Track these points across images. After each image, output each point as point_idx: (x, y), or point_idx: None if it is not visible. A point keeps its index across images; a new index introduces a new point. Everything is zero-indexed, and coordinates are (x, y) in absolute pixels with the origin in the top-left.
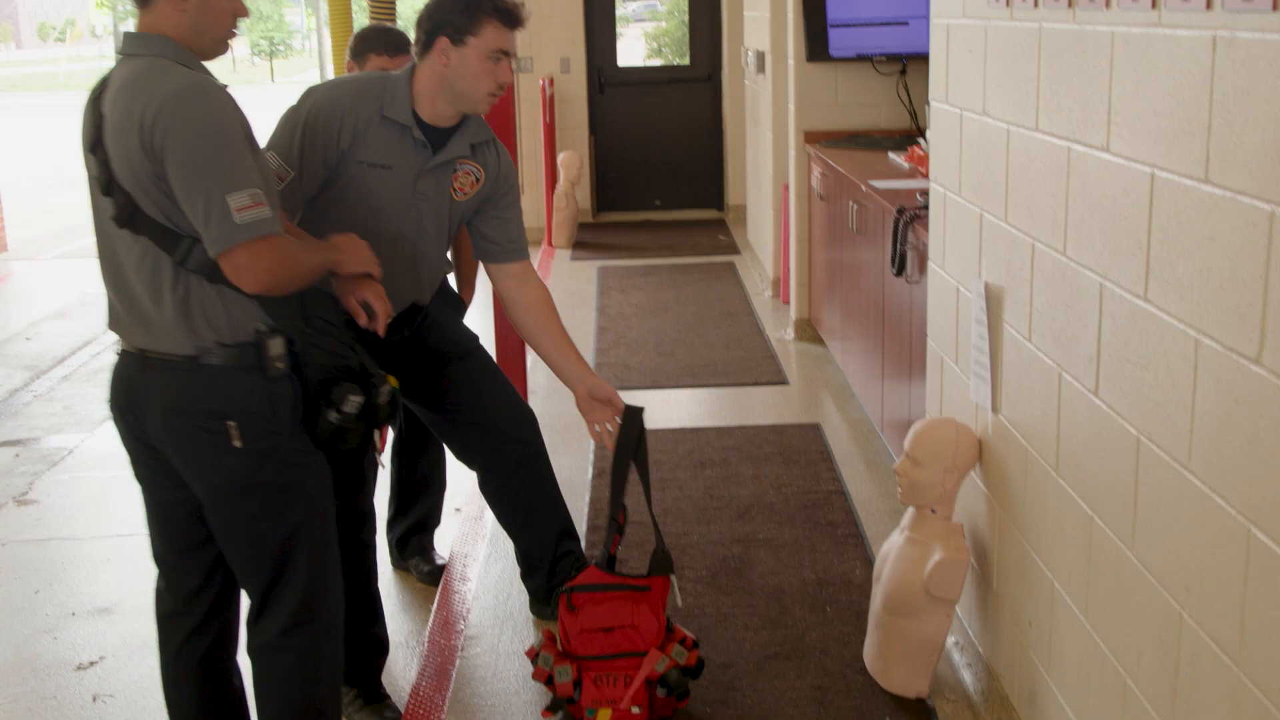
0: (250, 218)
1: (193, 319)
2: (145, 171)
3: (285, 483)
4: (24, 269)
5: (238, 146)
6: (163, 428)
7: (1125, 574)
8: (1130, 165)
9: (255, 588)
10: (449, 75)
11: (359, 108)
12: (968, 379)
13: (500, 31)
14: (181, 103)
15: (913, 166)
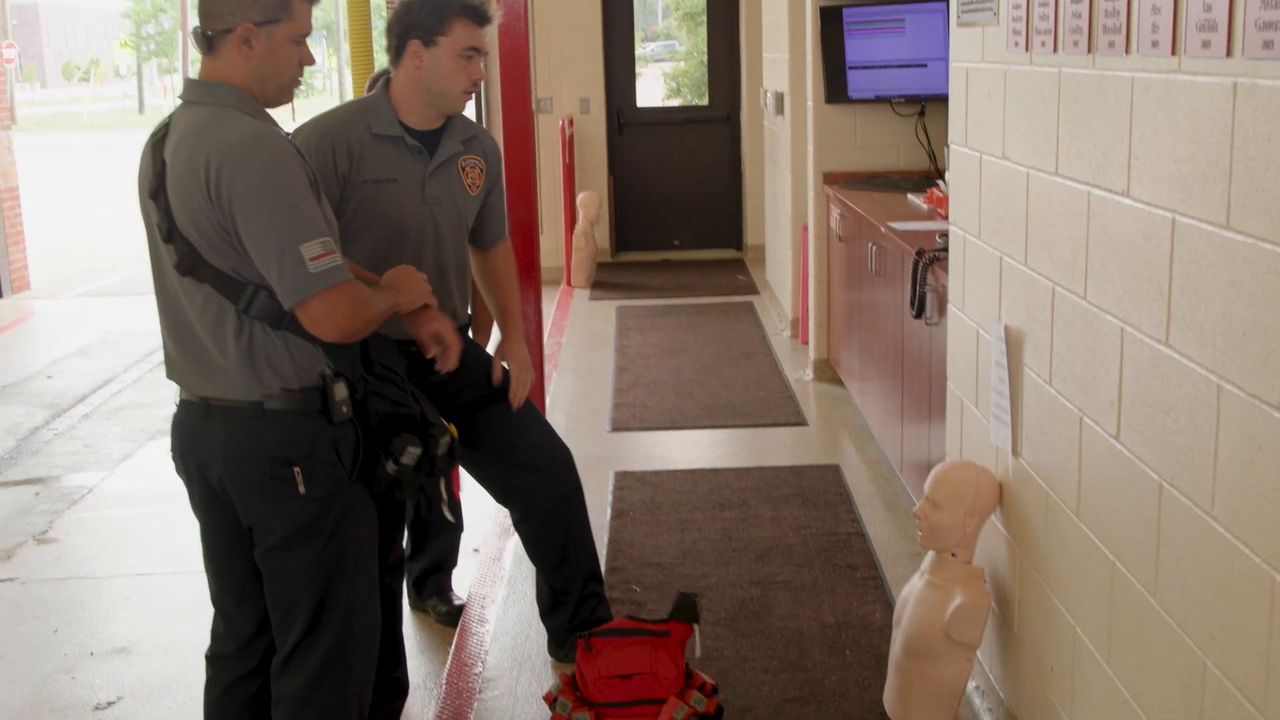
0: (323, 265)
1: (257, 365)
2: (209, 221)
3: (342, 532)
4: (46, 307)
5: (305, 196)
6: (227, 475)
7: (1148, 620)
8: (1151, 210)
9: (288, 636)
10: (423, 77)
11: (348, 131)
12: (988, 422)
13: (470, 29)
14: (246, 154)
15: (932, 208)
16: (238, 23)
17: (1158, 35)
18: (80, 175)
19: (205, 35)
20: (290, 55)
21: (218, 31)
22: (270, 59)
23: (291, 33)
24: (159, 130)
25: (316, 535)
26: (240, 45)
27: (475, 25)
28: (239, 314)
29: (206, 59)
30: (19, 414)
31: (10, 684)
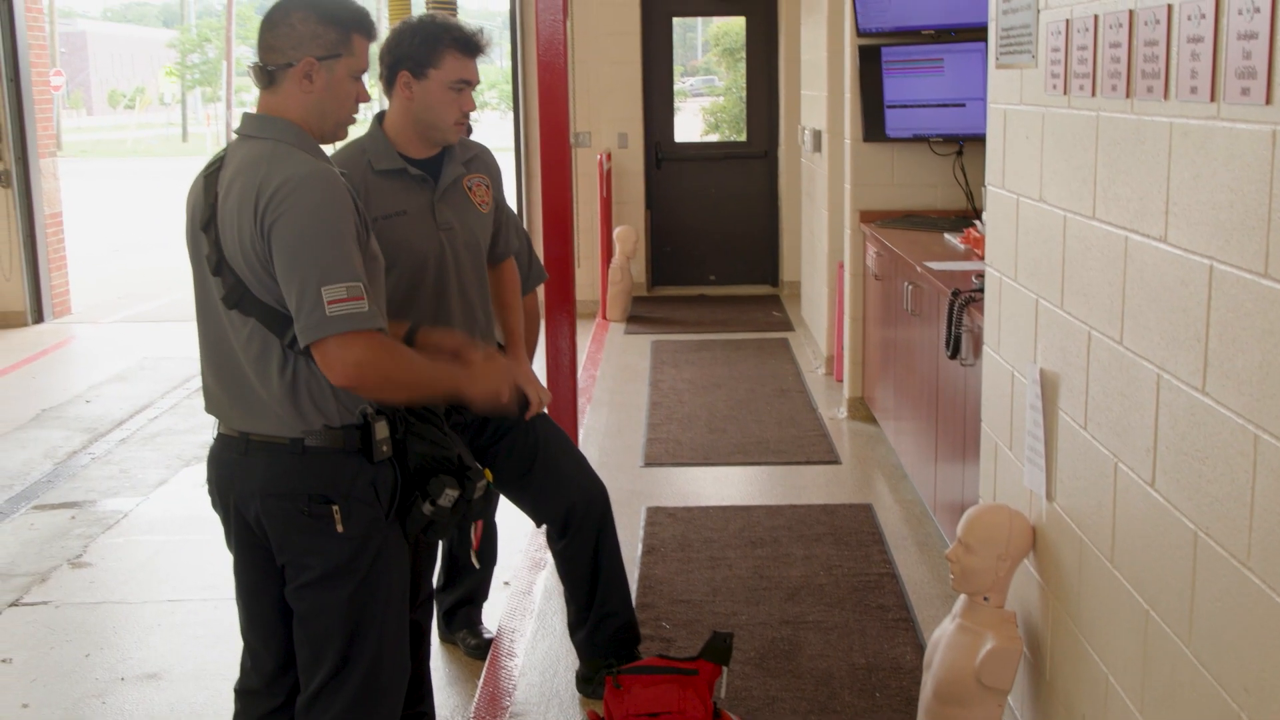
0: (343, 310)
1: (300, 401)
2: (257, 255)
3: (376, 572)
4: (86, 332)
5: (342, 238)
6: (264, 511)
7: (1182, 670)
8: (1188, 257)
9: (315, 674)
10: (414, 109)
11: (350, 173)
12: (1022, 465)
13: (460, 61)
14: (297, 191)
15: (968, 248)
16: (300, 57)
17: (1196, 81)
18: (123, 202)
19: (265, 70)
20: (349, 90)
21: (279, 66)
22: (330, 94)
23: (351, 68)
24: (213, 162)
25: (351, 575)
26: (301, 80)
27: (466, 57)
28: (284, 349)
29: (265, 94)
30: (57, 438)
31: (42, 708)
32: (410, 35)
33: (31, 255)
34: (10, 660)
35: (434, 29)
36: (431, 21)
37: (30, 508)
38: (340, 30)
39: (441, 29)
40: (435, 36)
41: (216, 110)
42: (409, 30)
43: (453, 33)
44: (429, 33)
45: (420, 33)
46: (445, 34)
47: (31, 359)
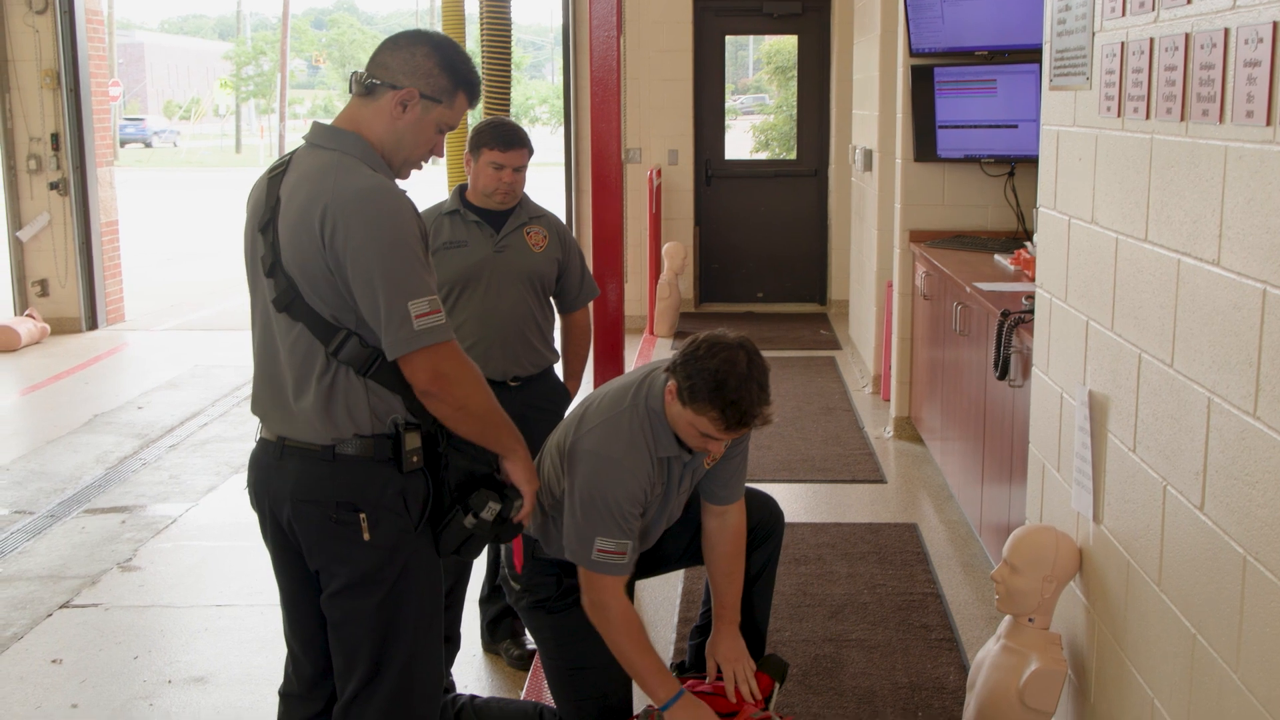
0: (428, 324)
1: (334, 408)
2: (317, 264)
3: (405, 582)
4: (139, 339)
5: (415, 253)
6: (295, 516)
7: (1229, 696)
8: (1241, 281)
9: (349, 681)
10: (670, 412)
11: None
12: (1069, 487)
13: (714, 425)
14: (365, 204)
15: (1019, 269)
16: (406, 84)
17: (1253, 105)
18: (177, 211)
19: (368, 82)
20: (430, 137)
21: (383, 83)
22: (414, 131)
23: (443, 119)
24: (278, 166)
25: (379, 584)
26: (396, 105)
27: (721, 426)
28: (327, 356)
29: (354, 104)
30: (109, 443)
31: (90, 709)
32: (697, 369)
33: (87, 263)
34: (60, 661)
35: (713, 385)
36: (719, 374)
37: (81, 511)
38: (452, 81)
39: (719, 392)
40: (709, 395)
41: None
42: (700, 362)
43: (725, 400)
44: (707, 386)
45: (704, 377)
46: (718, 399)
47: (85, 365)
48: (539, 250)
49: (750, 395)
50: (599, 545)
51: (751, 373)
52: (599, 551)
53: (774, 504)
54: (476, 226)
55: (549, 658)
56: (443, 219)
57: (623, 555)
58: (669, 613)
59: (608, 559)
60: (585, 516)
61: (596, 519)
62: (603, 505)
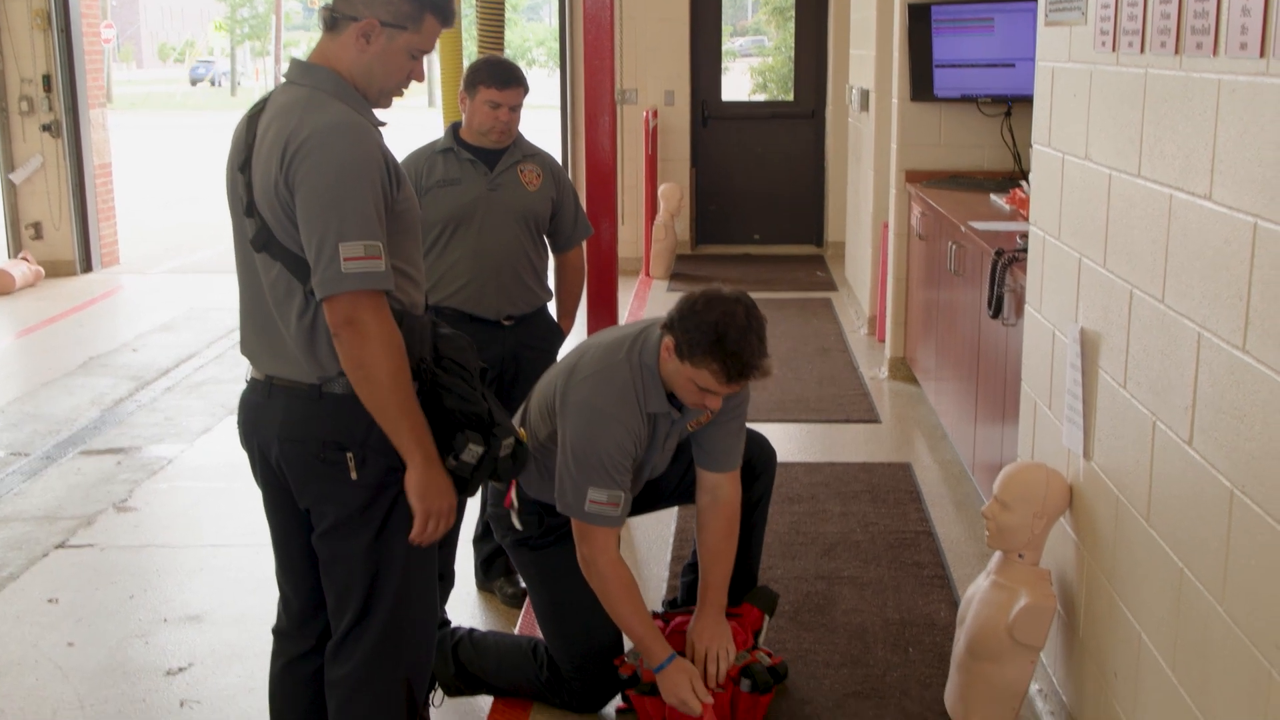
0: (358, 268)
1: (318, 347)
2: (280, 200)
3: (393, 521)
4: (134, 283)
5: (365, 194)
6: (283, 456)
7: (1214, 628)
8: (1233, 215)
9: (341, 619)
10: (666, 369)
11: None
12: (1060, 424)
13: (716, 380)
14: (325, 137)
15: (1014, 209)
16: (365, 14)
17: (1247, 37)
18: (171, 155)
19: (332, 15)
20: (402, 64)
21: (344, 16)
22: (382, 61)
23: (412, 44)
24: (257, 105)
25: (368, 523)
26: (359, 37)
27: (722, 380)
28: (306, 294)
29: (323, 39)
30: (104, 385)
31: (86, 646)
32: (695, 324)
33: (80, 205)
34: (56, 600)
35: (713, 339)
36: (719, 327)
37: (77, 453)
38: (416, 6)
39: (719, 347)
40: (708, 349)
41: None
42: (697, 317)
43: (725, 353)
44: (706, 341)
45: (702, 332)
46: (718, 353)
47: (80, 308)
48: (533, 189)
49: (750, 347)
50: (592, 496)
51: (750, 325)
52: (592, 503)
53: (766, 442)
54: (470, 165)
55: (535, 594)
56: (436, 157)
57: (615, 507)
58: (662, 550)
59: (601, 510)
60: (578, 468)
61: (589, 470)
62: (594, 456)
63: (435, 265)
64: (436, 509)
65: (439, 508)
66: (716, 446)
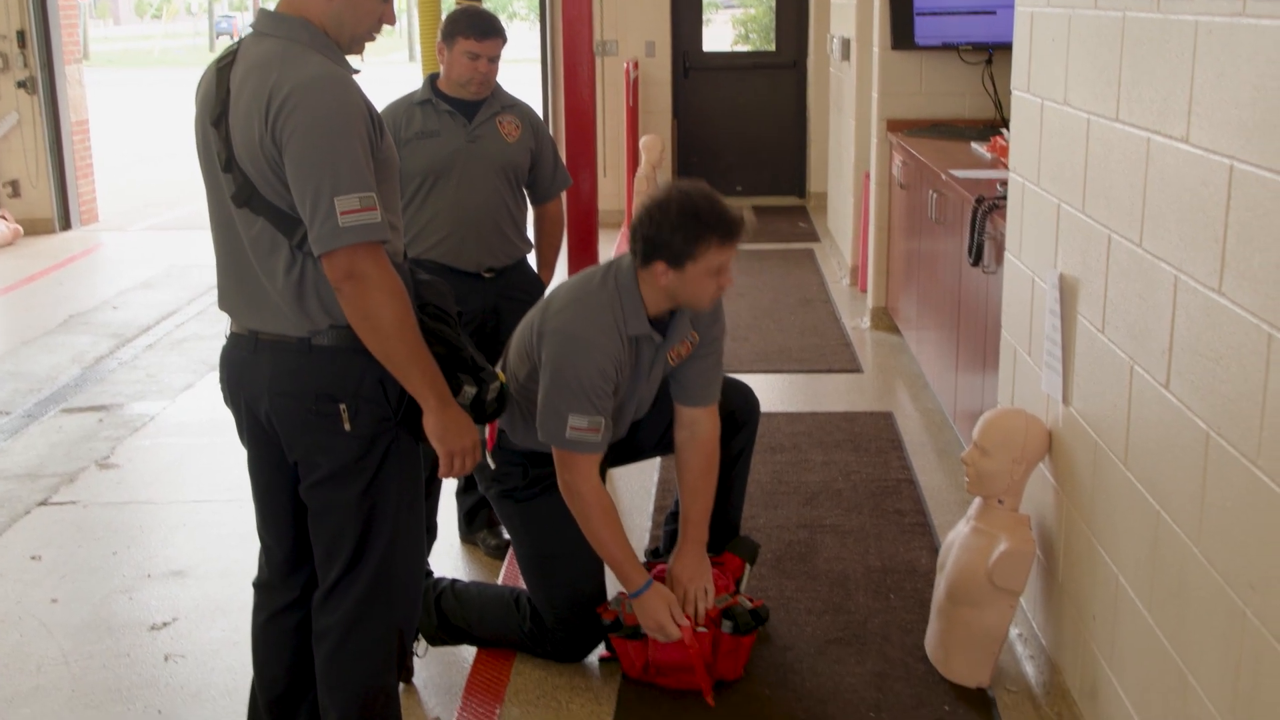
0: (354, 221)
1: (306, 301)
2: (266, 156)
3: (386, 470)
4: (113, 240)
5: (355, 147)
6: (273, 410)
7: (1190, 570)
8: (1209, 157)
9: (330, 570)
10: (671, 289)
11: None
12: (1040, 370)
13: (721, 251)
14: (309, 93)
15: (995, 157)
16: None
17: None
18: (150, 111)
19: None
20: (372, 9)
21: None
22: (351, 7)
23: None
24: (225, 56)
25: (360, 473)
26: None
27: (726, 246)
28: (292, 249)
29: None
30: (85, 343)
31: (70, 602)
32: (670, 229)
33: (58, 162)
34: (40, 557)
35: (694, 223)
36: (686, 211)
37: (59, 411)
38: None
39: (702, 223)
40: (697, 234)
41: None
42: (667, 222)
43: (712, 223)
44: (690, 229)
45: (681, 227)
46: (706, 229)
47: (59, 266)
48: (512, 140)
49: (721, 204)
50: (572, 422)
51: (703, 190)
52: (572, 429)
53: (750, 392)
54: (449, 116)
55: (519, 545)
56: (414, 109)
57: (596, 433)
58: (644, 500)
59: (581, 436)
60: (558, 393)
61: (569, 395)
62: (574, 381)
63: (414, 218)
64: (460, 448)
65: (461, 446)
66: (694, 381)
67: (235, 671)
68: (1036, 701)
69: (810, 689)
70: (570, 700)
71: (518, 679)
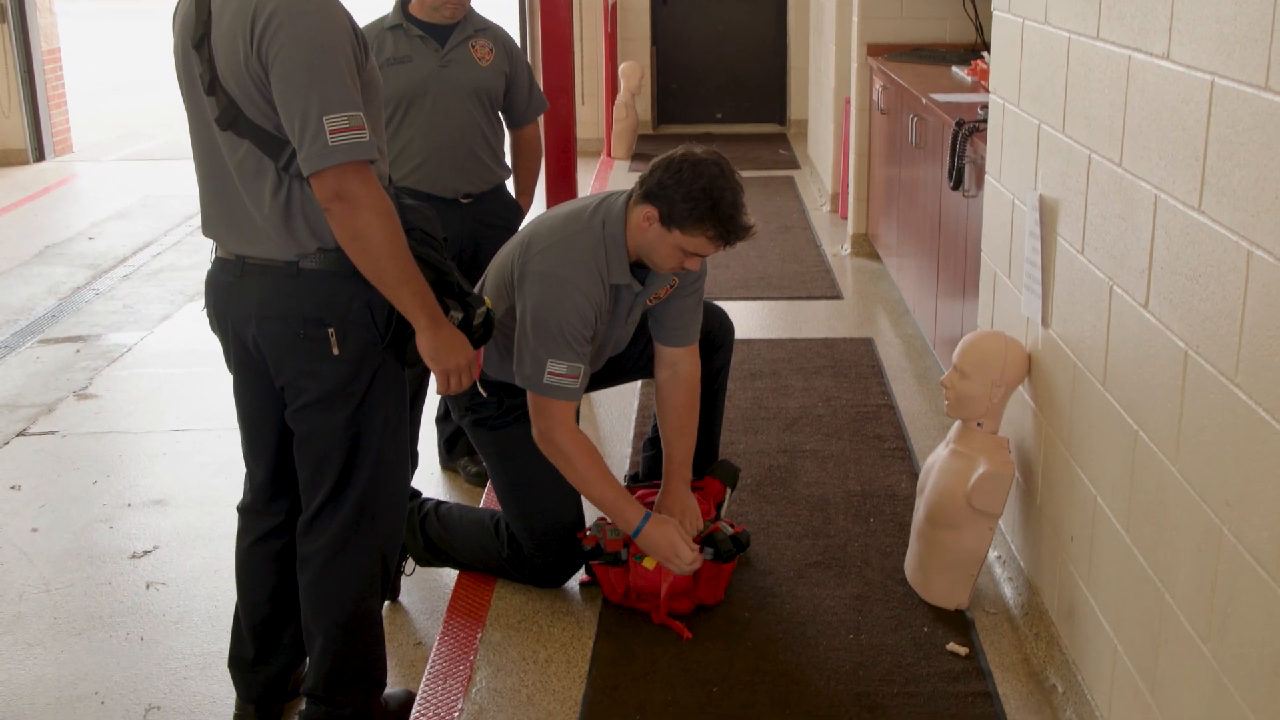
0: (344, 140)
1: (293, 224)
2: (252, 76)
3: (373, 395)
4: (88, 170)
5: (341, 66)
6: (260, 334)
7: (1167, 488)
8: (1190, 73)
9: (315, 494)
10: (641, 238)
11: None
12: (1019, 293)
13: (710, 245)
14: (295, 10)
15: (975, 80)
16: None
17: None
18: (124, 40)
19: None
20: None
21: None
22: None
23: None
24: None
25: (348, 398)
26: None
27: (716, 245)
28: (278, 171)
29: None
30: (61, 274)
31: (50, 532)
32: (684, 194)
33: (30, 92)
34: (19, 487)
35: (707, 206)
36: (711, 193)
37: (35, 342)
38: None
39: (714, 212)
40: (702, 216)
41: None
42: (685, 185)
43: (722, 218)
44: (700, 208)
45: (695, 200)
46: (713, 219)
47: (33, 197)
48: (485, 64)
49: (740, 209)
50: (551, 368)
51: (736, 186)
52: (550, 375)
53: (725, 315)
54: (420, 41)
55: (494, 473)
56: (385, 34)
57: (575, 379)
58: (625, 428)
59: (560, 382)
60: (537, 338)
61: (549, 341)
62: (555, 326)
63: (389, 145)
64: (454, 366)
65: (455, 364)
66: (676, 321)
67: (216, 599)
68: (1015, 622)
69: (790, 611)
70: (551, 624)
71: (499, 603)
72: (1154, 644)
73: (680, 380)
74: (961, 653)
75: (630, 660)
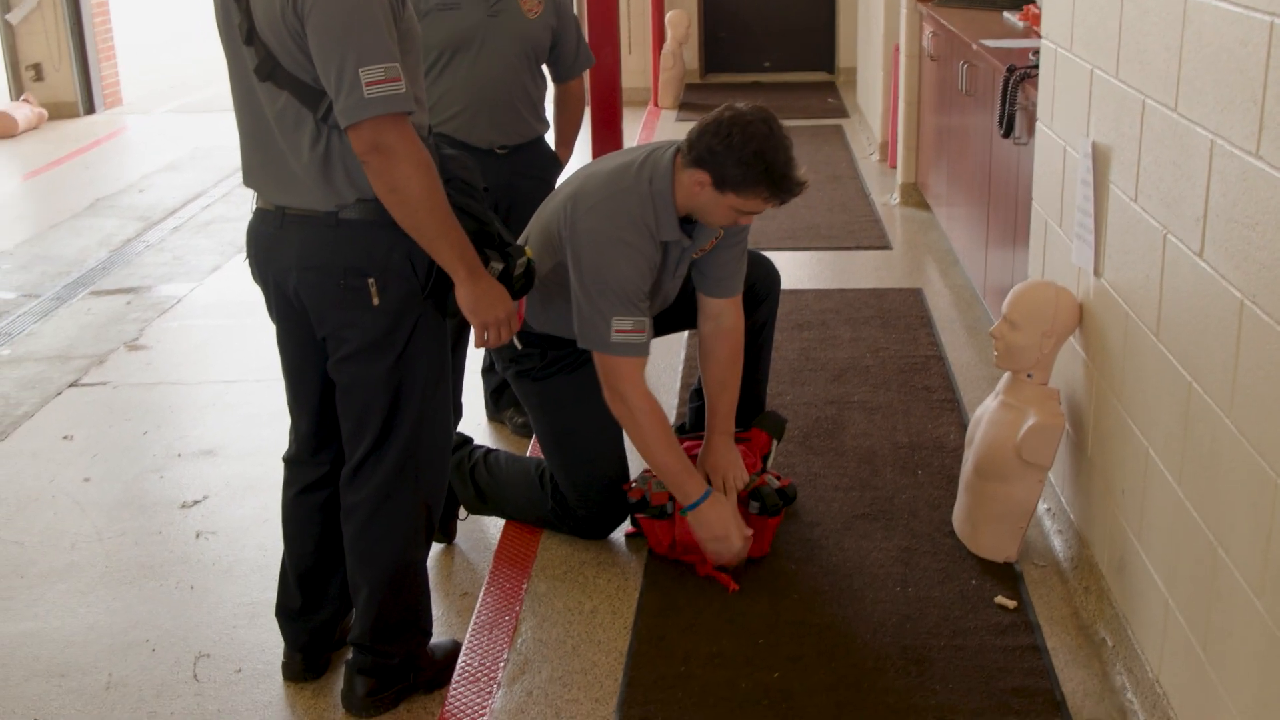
0: (380, 92)
1: (333, 174)
2: (289, 28)
3: (414, 345)
4: (137, 123)
5: (376, 17)
6: (302, 285)
7: (1222, 441)
8: (1249, 14)
9: (358, 446)
10: (695, 200)
11: None
12: (1071, 242)
13: (764, 204)
14: None
15: (1027, 25)
16: None
17: None
18: None
19: None
20: None
21: None
22: None
23: None
24: None
25: (389, 348)
26: None
27: (770, 202)
28: (317, 122)
29: None
30: (111, 226)
31: (102, 482)
32: (735, 159)
33: (80, 45)
34: (72, 437)
35: (760, 169)
36: (763, 155)
37: (87, 293)
38: None
39: (767, 174)
40: (756, 179)
41: None
42: (735, 151)
43: (775, 179)
44: (753, 172)
45: (746, 165)
46: (766, 181)
47: (84, 149)
48: (534, 16)
49: (793, 166)
50: (617, 326)
51: (786, 143)
52: (617, 333)
53: (771, 266)
54: None
55: (538, 424)
56: None
57: (641, 334)
58: (671, 379)
59: (628, 339)
60: (600, 298)
61: (610, 299)
62: (615, 284)
63: (429, 92)
64: (494, 319)
65: (495, 317)
66: (720, 272)
67: (265, 548)
68: (1064, 575)
69: (836, 563)
70: (597, 576)
71: (545, 554)
72: (1207, 599)
73: (724, 332)
74: (1010, 606)
75: (676, 612)
